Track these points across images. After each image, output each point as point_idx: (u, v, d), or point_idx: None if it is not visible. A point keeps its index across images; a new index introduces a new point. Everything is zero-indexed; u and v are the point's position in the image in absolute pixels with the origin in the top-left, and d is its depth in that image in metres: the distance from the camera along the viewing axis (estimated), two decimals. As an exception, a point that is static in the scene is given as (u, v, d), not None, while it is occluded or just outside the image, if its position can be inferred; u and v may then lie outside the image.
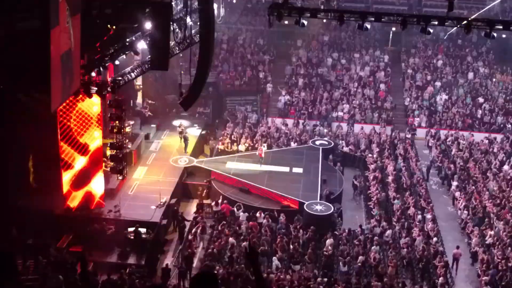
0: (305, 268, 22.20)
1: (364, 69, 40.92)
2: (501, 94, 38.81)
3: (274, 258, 22.35)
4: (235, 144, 32.48)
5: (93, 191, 24.07)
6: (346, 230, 24.89)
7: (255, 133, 33.96)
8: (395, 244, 23.97)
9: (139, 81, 31.19)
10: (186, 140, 30.64)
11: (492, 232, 24.64)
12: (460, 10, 38.03)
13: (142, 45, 23.43)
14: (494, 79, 40.01)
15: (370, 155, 32.06)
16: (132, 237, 23.12)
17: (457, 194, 28.48)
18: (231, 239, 23.29)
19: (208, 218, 25.88)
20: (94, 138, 23.49)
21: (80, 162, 23.27)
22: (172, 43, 23.85)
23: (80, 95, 21.92)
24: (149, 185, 26.90)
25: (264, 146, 30.75)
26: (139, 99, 32.30)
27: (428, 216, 25.90)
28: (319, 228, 24.23)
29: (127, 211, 24.41)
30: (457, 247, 24.07)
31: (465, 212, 26.65)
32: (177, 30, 24.96)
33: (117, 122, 23.51)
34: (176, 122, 32.51)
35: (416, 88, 39.62)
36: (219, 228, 24.36)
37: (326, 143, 32.55)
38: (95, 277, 20.09)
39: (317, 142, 32.45)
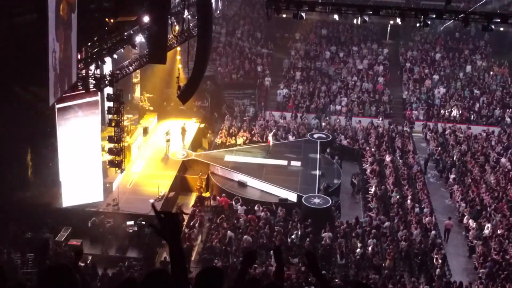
0: (303, 262, 22.27)
1: (362, 62, 40.94)
2: (498, 87, 38.91)
3: (272, 252, 22.40)
4: (233, 137, 32.53)
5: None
6: (345, 223, 24.97)
7: (252, 127, 34.02)
8: (393, 237, 24.07)
9: (137, 75, 31.19)
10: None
11: (489, 225, 24.76)
12: (458, 3, 38.03)
13: (140, 38, 23.42)
14: (491, 72, 40.09)
15: (368, 148, 32.15)
16: (130, 231, 23.18)
17: (455, 187, 28.58)
18: (229, 233, 23.37)
19: (207, 212, 25.94)
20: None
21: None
22: (170, 36, 23.83)
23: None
24: (147, 178, 26.95)
25: (271, 137, 30.76)
26: (137, 93, 32.31)
27: (426, 209, 26.01)
28: (317, 221, 24.30)
29: (125, 205, 24.46)
30: (449, 218, 25.47)
31: (463, 204, 26.75)
32: (175, 23, 24.98)
33: (115, 115, 23.51)
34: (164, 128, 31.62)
35: (414, 81, 39.67)
36: (217, 221, 24.44)
37: (324, 136, 32.63)
38: (95, 271, 20.20)
39: (315, 136, 32.51)
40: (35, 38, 17.01)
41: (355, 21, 36.83)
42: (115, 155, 23.91)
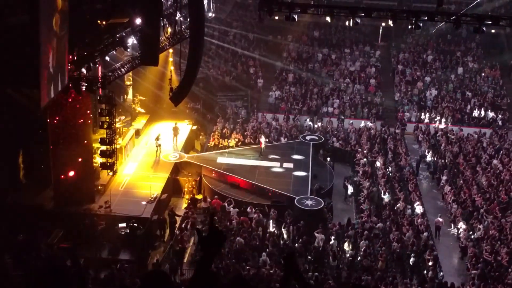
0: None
1: (354, 64, 41.05)
2: (490, 89, 39.10)
3: (263, 253, 22.37)
4: (225, 139, 32.52)
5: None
6: (337, 225, 24.99)
7: (245, 129, 34.03)
8: (385, 239, 24.10)
9: (129, 77, 31.10)
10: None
11: (481, 226, 24.85)
12: (449, 6, 38.19)
13: (132, 40, 23.39)
14: (483, 74, 40.28)
15: (360, 149, 32.20)
16: (123, 233, 23.11)
17: (447, 188, 28.66)
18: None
19: (199, 214, 25.88)
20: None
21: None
22: (162, 38, 23.81)
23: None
24: (139, 180, 26.88)
25: (262, 138, 30.78)
26: (130, 95, 32.24)
27: (418, 210, 26.07)
28: (310, 223, 24.30)
29: (117, 207, 24.38)
30: (439, 216, 25.73)
31: (455, 206, 26.83)
32: (167, 25, 24.96)
33: (107, 117, 23.47)
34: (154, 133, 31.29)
35: (405, 83, 39.80)
36: (210, 223, 24.34)
37: (317, 138, 32.67)
38: (87, 273, 20.09)
39: (308, 137, 32.55)
40: (27, 39, 16.95)
41: (347, 23, 36.92)
42: (107, 157, 23.89)
